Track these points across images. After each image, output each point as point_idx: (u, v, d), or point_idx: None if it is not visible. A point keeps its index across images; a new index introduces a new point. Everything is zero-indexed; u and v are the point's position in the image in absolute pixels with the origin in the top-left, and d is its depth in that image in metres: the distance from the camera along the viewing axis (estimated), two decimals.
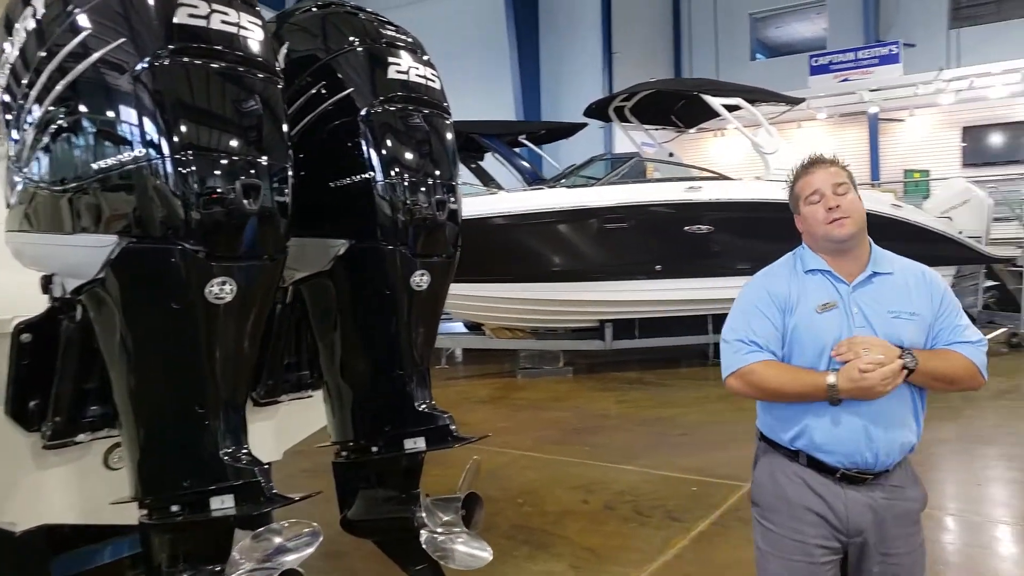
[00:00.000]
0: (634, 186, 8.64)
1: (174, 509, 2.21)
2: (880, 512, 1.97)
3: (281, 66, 2.45)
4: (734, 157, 14.47)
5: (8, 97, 2.34)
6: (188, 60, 2.13)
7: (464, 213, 3.01)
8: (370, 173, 2.76)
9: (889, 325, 1.95)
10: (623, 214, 8.32)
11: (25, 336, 2.29)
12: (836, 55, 15.40)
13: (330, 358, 3.05)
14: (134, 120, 2.11)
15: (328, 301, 2.95)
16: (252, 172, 2.21)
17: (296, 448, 3.37)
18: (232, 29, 2.19)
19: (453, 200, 2.91)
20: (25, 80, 2.24)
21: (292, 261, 2.47)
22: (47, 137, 2.21)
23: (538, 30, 16.11)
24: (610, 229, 8.35)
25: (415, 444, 2.88)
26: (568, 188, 8.69)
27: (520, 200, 8.44)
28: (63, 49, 2.16)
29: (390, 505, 2.97)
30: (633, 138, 10.59)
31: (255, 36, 2.26)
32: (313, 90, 2.82)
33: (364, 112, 2.76)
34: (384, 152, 2.77)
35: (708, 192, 8.56)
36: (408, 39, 2.91)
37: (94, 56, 2.12)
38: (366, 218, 2.78)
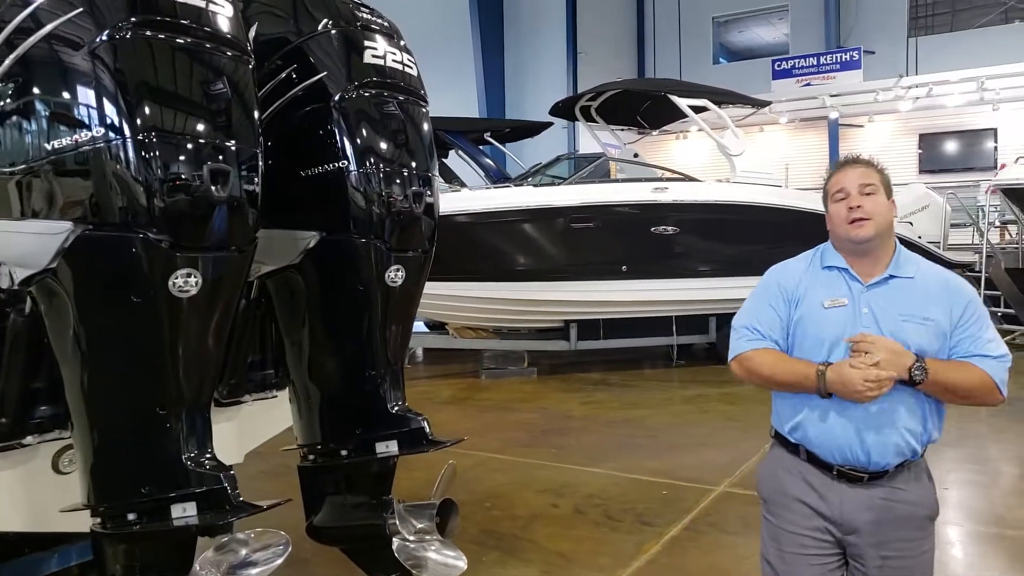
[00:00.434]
0: (601, 186, 8.59)
1: (131, 517, 2.07)
2: (878, 512, 1.96)
3: (251, 47, 2.30)
4: (697, 160, 14.56)
5: None
6: (151, 35, 1.99)
7: None
8: (343, 162, 2.63)
9: (897, 328, 1.93)
10: (589, 214, 8.26)
11: None
12: (798, 60, 15.65)
13: (297, 357, 2.91)
14: (91, 99, 1.97)
15: (296, 297, 2.81)
16: (220, 157, 2.08)
17: (255, 449, 3.22)
18: (200, 3, 2.06)
19: (430, 193, 2.79)
20: None
21: (259, 254, 2.34)
22: None
23: (503, 28, 16.03)
24: (576, 229, 8.28)
25: (387, 448, 2.76)
26: (535, 187, 8.60)
27: (486, 198, 8.33)
28: (12, 22, 2.00)
29: (360, 511, 2.84)
30: (598, 138, 10.56)
31: (224, 12, 2.12)
32: (283, 74, 2.68)
33: (337, 98, 2.64)
34: (358, 140, 2.65)
35: (674, 193, 8.55)
36: (384, 22, 2.79)
37: (46, 28, 1.97)
38: (338, 209, 2.65)
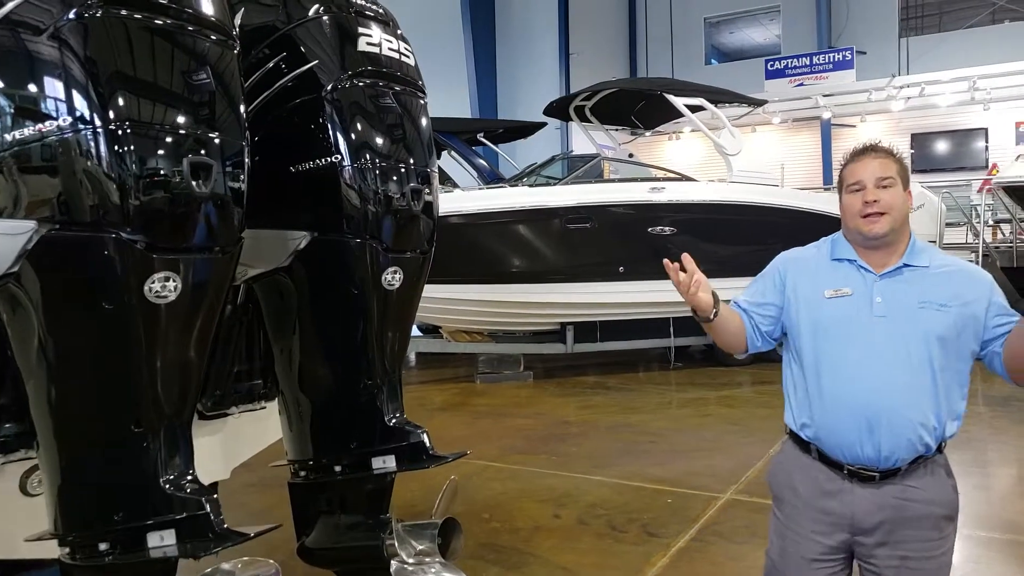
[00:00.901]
0: (597, 186, 8.44)
1: (103, 547, 1.88)
2: (892, 512, 1.88)
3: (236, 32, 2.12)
4: (690, 160, 14.47)
5: None
6: (125, 14, 1.80)
7: None
8: (336, 157, 2.45)
9: (915, 315, 1.87)
10: (586, 214, 8.10)
11: None
12: (791, 60, 15.58)
13: (287, 366, 2.72)
14: (57, 85, 1.78)
15: (286, 301, 2.62)
16: (202, 151, 1.90)
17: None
18: None
19: (428, 190, 2.61)
20: None
21: (245, 256, 2.16)
22: None
23: (495, 28, 15.87)
24: (573, 230, 8.13)
25: (384, 463, 2.58)
26: (530, 187, 8.43)
27: (480, 199, 8.16)
28: None
29: (356, 532, 2.66)
30: (592, 138, 10.41)
31: None
32: (271, 64, 2.49)
33: (329, 88, 2.45)
34: (352, 134, 2.46)
35: (671, 193, 8.41)
36: (379, 9, 2.60)
37: (6, 8, 1.78)
38: (331, 208, 2.47)
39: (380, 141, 2.52)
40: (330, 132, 2.45)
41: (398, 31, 2.64)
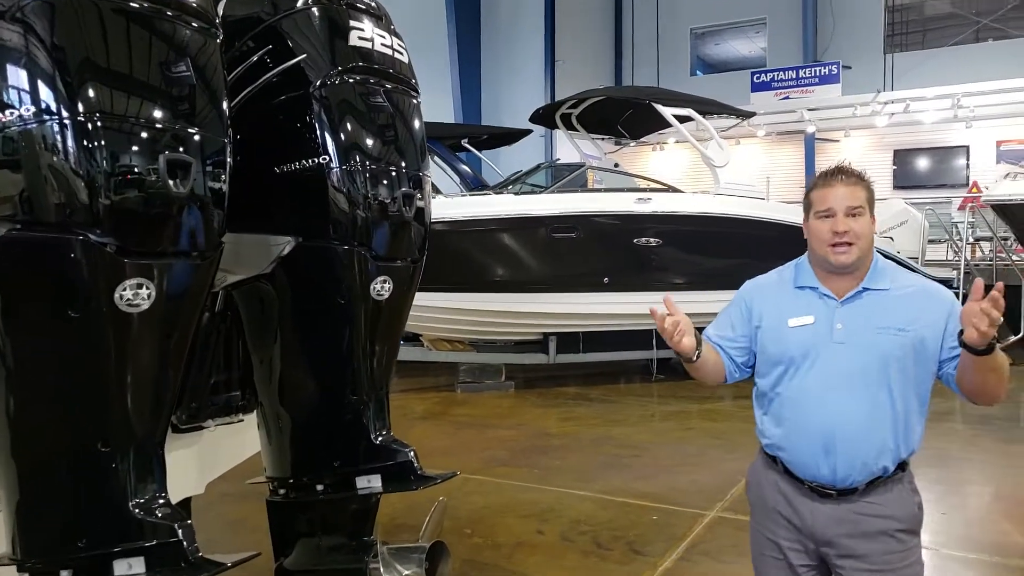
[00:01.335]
0: (584, 195, 8.34)
1: (65, 575, 1.72)
2: (849, 527, 1.94)
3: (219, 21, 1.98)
4: (673, 172, 14.43)
5: None
6: None
7: None
8: (323, 158, 2.31)
9: (874, 340, 1.91)
10: (572, 224, 8.00)
11: None
12: (777, 73, 15.62)
13: (267, 378, 2.58)
14: (20, 72, 1.62)
15: (267, 310, 2.47)
16: (181, 148, 1.75)
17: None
18: None
19: (420, 195, 2.48)
20: None
21: (225, 262, 2.01)
22: None
23: (480, 34, 15.77)
24: (558, 239, 8.02)
25: (369, 483, 2.44)
26: (515, 195, 8.31)
27: (465, 205, 8.02)
28: None
29: (338, 554, 2.51)
30: (578, 147, 10.32)
31: None
32: (255, 57, 2.35)
33: (317, 85, 2.32)
34: (341, 134, 2.33)
35: (658, 204, 8.33)
36: (371, 2, 2.47)
37: None
38: (317, 212, 2.33)
39: (370, 142, 2.39)
40: (317, 131, 2.31)
41: (391, 26, 2.52)
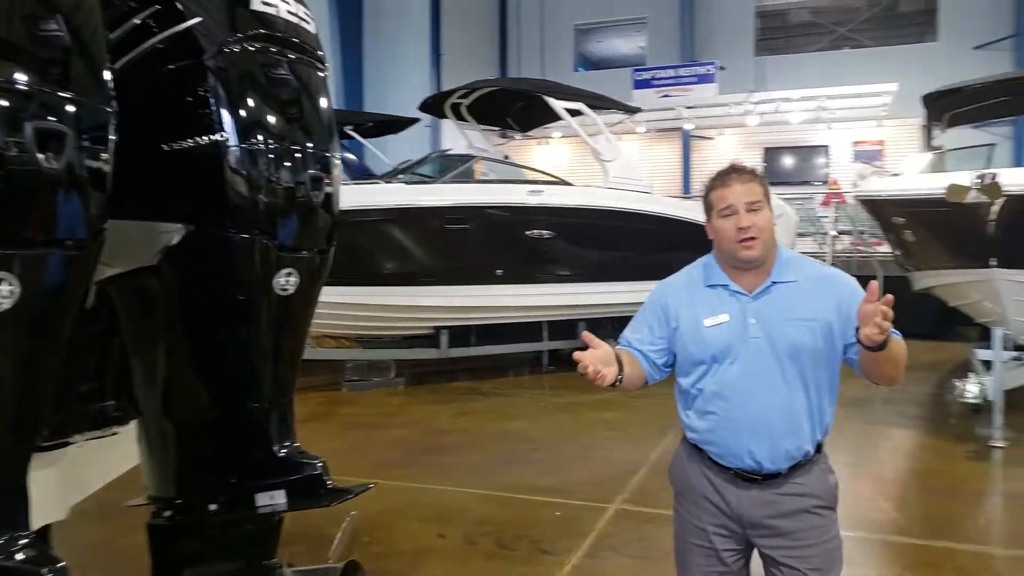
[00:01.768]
0: (477, 186, 8.19)
1: None
2: (773, 508, 2.01)
3: None
4: (557, 166, 14.50)
5: None
6: None
7: None
8: (219, 136, 2.04)
9: (785, 333, 1.97)
10: (465, 215, 7.83)
11: None
12: (658, 71, 16.05)
13: (149, 385, 2.27)
14: None
15: (151, 308, 2.17)
16: (51, 117, 1.46)
17: None
18: None
19: (329, 179, 2.24)
20: None
21: (104, 252, 1.72)
22: None
23: (362, 20, 15.26)
24: (451, 230, 7.83)
25: (272, 500, 2.19)
26: (406, 184, 8.05)
27: (354, 194, 7.68)
28: None
29: None
30: (468, 137, 10.16)
31: None
32: (137, 19, 2.04)
33: (213, 53, 2.04)
34: (240, 108, 2.06)
35: (549, 197, 8.31)
36: None
37: None
38: (212, 196, 2.06)
39: (273, 119, 2.13)
40: (212, 105, 2.04)
41: None
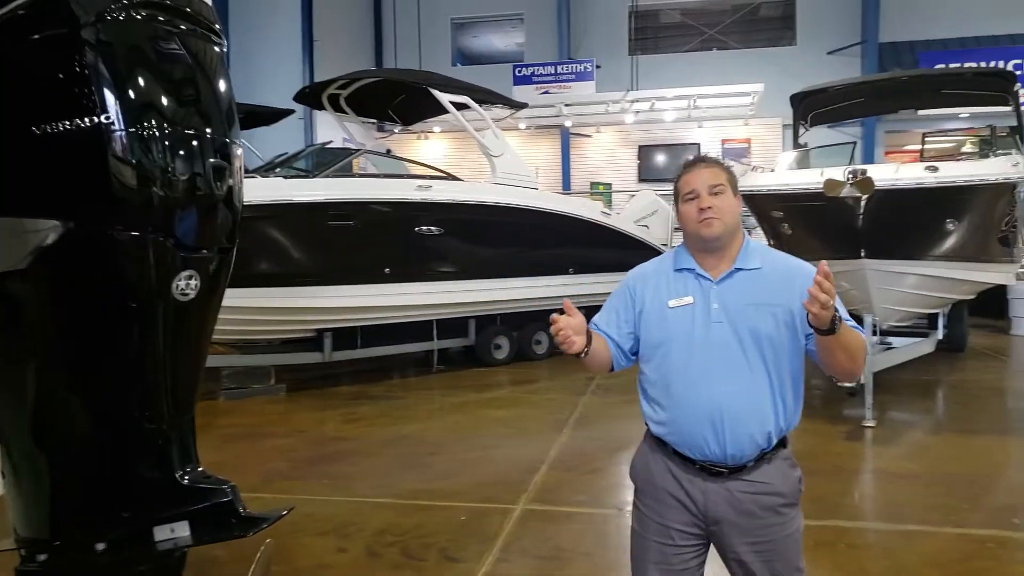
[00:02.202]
0: (362, 181, 7.86)
1: None
2: (739, 504, 2.02)
3: None
4: (438, 161, 14.30)
5: None
6: None
7: None
8: (102, 118, 1.75)
9: (746, 317, 2.00)
10: (349, 212, 7.50)
11: None
12: (537, 68, 16.15)
13: (14, 408, 1.94)
14: None
15: (18, 318, 1.84)
16: None
17: None
18: None
19: (231, 169, 1.99)
20: None
21: None
22: None
23: (227, 6, 14.38)
24: (334, 227, 7.48)
25: (174, 534, 1.92)
26: (284, 179, 7.61)
27: None
28: None
29: None
30: (347, 130, 9.77)
31: None
32: None
33: (92, 22, 1.74)
34: (126, 87, 1.79)
35: (438, 192, 8.11)
36: None
37: None
38: (94, 188, 1.76)
39: (165, 99, 1.86)
40: (92, 83, 1.75)
41: None
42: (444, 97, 8.50)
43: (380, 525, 4.36)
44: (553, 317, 1.95)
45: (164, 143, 1.80)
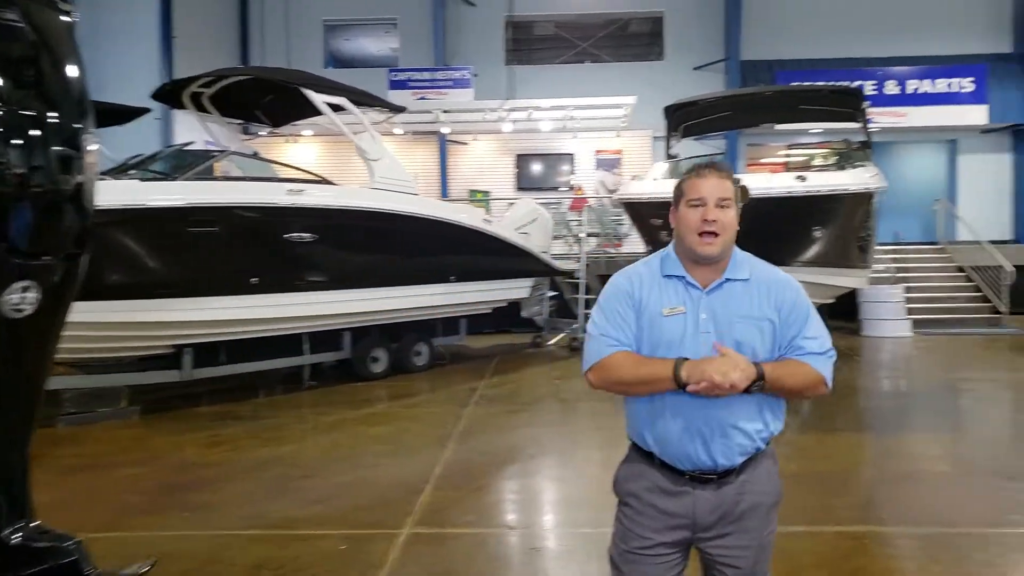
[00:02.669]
0: (228, 184, 7.30)
1: None
2: (728, 508, 2.05)
3: None
4: (308, 166, 13.73)
5: None
6: None
7: None
8: None
9: (733, 329, 2.01)
10: (212, 217, 6.95)
11: None
12: (414, 72, 15.83)
13: None
14: None
15: None
16: None
17: None
18: None
19: (81, 162, 1.65)
20: None
21: None
22: None
23: None
24: (194, 234, 6.91)
25: None
26: (141, 182, 6.95)
27: None
28: None
29: None
30: (211, 130, 9.10)
31: None
32: None
33: None
34: None
35: (312, 197, 7.68)
36: None
37: None
38: None
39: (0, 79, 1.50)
40: None
41: None
42: (319, 98, 8.08)
43: (251, 560, 3.99)
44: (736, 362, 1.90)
45: None
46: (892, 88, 16.54)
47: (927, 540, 4.16)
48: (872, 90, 15.69)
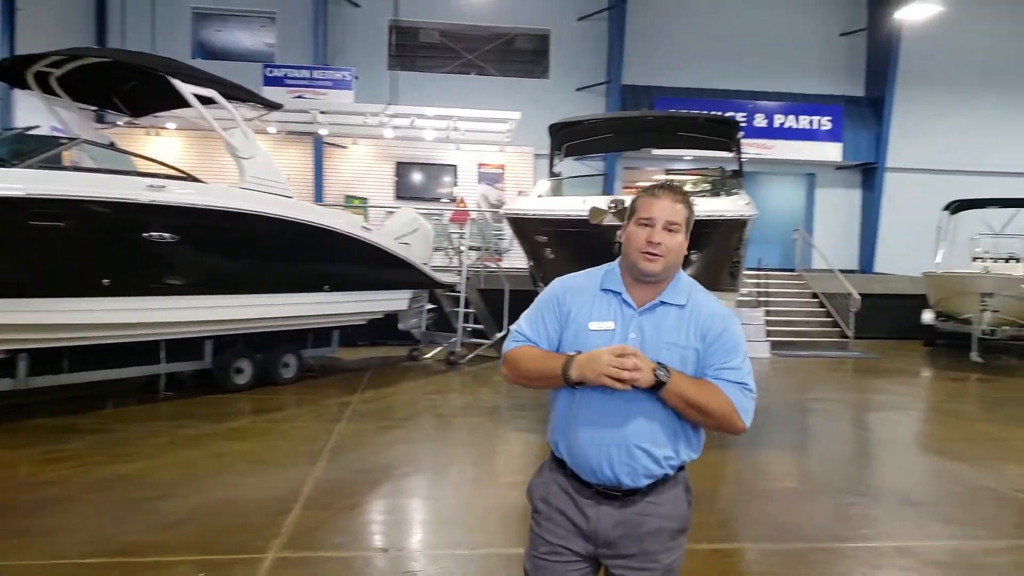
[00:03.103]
0: (79, 175, 6.59)
1: None
2: (630, 527, 2.04)
3: None
4: (171, 161, 12.86)
5: None
6: None
7: None
8: None
9: (658, 354, 1.99)
10: (59, 211, 6.29)
11: None
12: (291, 70, 15.16)
13: None
14: None
15: None
16: None
17: None
18: None
19: None
20: None
21: None
22: None
23: None
24: (36, 229, 6.23)
25: None
26: None
27: None
28: None
29: None
30: (59, 115, 8.27)
31: None
32: None
33: None
34: None
35: (175, 194, 7.10)
36: None
37: None
38: None
39: None
40: None
41: None
42: (187, 88, 7.52)
43: None
44: (629, 349, 1.89)
45: None
46: (760, 121, 17.58)
47: (789, 556, 4.32)
48: (743, 121, 16.59)
